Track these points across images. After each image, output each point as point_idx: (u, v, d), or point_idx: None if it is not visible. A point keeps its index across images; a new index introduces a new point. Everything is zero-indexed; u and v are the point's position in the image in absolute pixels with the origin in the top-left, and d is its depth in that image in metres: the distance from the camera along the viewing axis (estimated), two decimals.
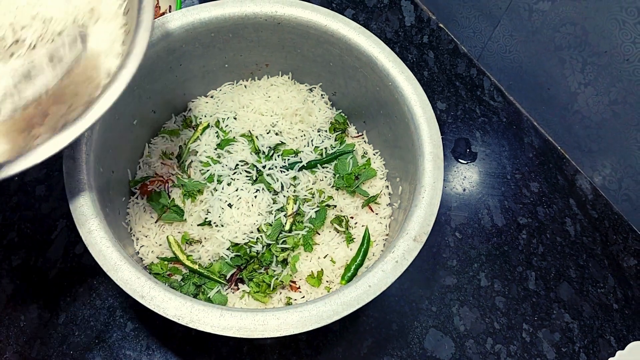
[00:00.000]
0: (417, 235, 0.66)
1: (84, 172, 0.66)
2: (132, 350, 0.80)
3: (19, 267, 0.84)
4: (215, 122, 0.89)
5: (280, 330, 0.58)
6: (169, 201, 0.81)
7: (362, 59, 0.80)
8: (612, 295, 0.91)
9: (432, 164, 0.71)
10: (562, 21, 0.90)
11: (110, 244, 0.62)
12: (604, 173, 0.99)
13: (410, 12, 1.19)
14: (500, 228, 0.95)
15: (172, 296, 0.59)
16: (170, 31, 0.78)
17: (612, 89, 0.89)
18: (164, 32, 0.77)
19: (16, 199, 0.89)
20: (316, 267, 0.78)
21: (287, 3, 0.81)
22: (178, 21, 0.78)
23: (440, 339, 0.84)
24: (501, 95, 1.10)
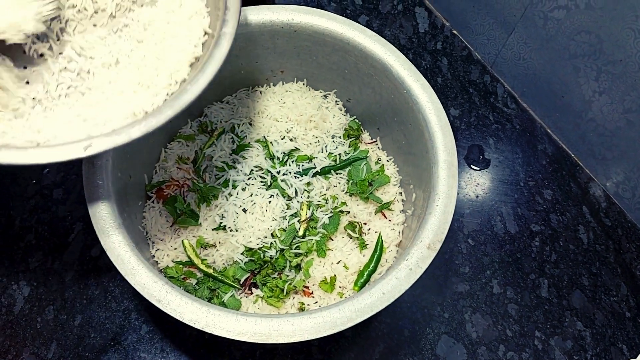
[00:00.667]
0: (431, 243, 0.66)
1: (102, 177, 0.67)
2: (147, 353, 0.80)
3: (36, 270, 0.85)
4: (231, 127, 0.90)
5: (294, 336, 0.59)
6: (185, 205, 0.82)
7: (377, 66, 0.81)
8: (625, 304, 0.91)
9: (446, 171, 0.71)
10: (576, 29, 0.90)
11: (128, 248, 0.63)
12: (617, 181, 0.99)
13: (424, 18, 1.20)
14: (513, 235, 0.95)
15: (188, 300, 0.60)
16: None
17: (627, 97, 0.88)
18: None
19: (34, 202, 0.90)
20: (329, 273, 0.79)
21: (304, 11, 0.82)
22: None
23: (452, 346, 0.84)
24: (515, 102, 1.10)
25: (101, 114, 0.62)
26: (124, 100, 0.64)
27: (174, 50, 0.67)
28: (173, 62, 0.66)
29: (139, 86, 0.65)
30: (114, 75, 0.66)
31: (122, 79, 0.66)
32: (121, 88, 0.65)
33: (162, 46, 0.68)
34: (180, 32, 0.68)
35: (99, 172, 0.67)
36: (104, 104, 0.64)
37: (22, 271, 0.85)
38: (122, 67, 0.67)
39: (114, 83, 0.65)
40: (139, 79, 0.65)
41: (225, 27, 0.65)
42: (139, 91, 0.64)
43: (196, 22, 0.68)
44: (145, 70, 0.66)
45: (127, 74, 0.66)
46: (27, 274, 0.84)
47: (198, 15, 0.69)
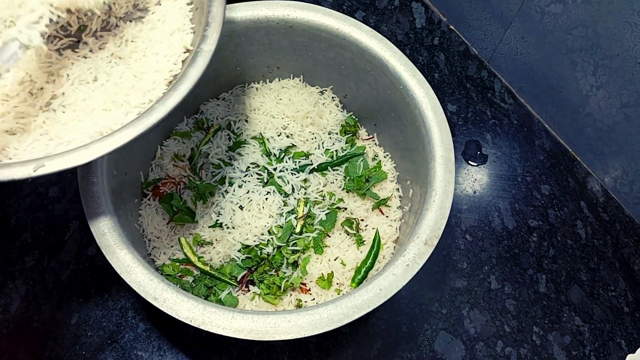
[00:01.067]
0: (428, 239, 0.66)
1: (97, 175, 0.67)
2: (144, 351, 0.80)
3: (32, 268, 0.85)
4: (227, 124, 0.89)
5: (291, 332, 0.59)
6: (181, 203, 0.82)
7: (373, 62, 0.81)
8: (623, 298, 0.91)
9: (443, 167, 0.71)
10: (573, 24, 0.90)
11: (123, 246, 0.63)
12: (615, 175, 0.99)
13: (421, 14, 1.19)
14: (511, 231, 0.95)
15: (184, 298, 0.60)
16: None
17: (624, 91, 0.88)
18: None
19: (29, 200, 0.90)
20: (326, 270, 0.79)
21: (299, 6, 0.81)
22: None
23: (451, 342, 0.84)
24: (512, 98, 1.10)
25: (67, 133, 0.60)
26: (93, 118, 0.61)
27: (153, 67, 0.65)
28: (149, 80, 0.64)
29: (112, 104, 0.62)
30: (90, 92, 0.64)
31: (97, 96, 0.63)
32: (94, 106, 0.63)
33: (141, 63, 0.66)
34: (160, 49, 0.66)
35: (94, 170, 0.67)
36: (73, 122, 0.61)
37: (18, 270, 0.84)
38: (98, 85, 0.65)
39: (89, 100, 0.63)
40: (113, 97, 0.63)
41: (203, 44, 0.63)
42: (112, 109, 0.62)
43: (177, 38, 0.66)
44: (121, 88, 0.64)
45: (103, 92, 0.64)
46: (23, 273, 0.84)
47: (180, 32, 0.67)
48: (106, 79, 0.65)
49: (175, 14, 0.68)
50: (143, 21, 0.70)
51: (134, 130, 0.57)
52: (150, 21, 0.69)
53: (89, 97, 0.63)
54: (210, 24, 0.64)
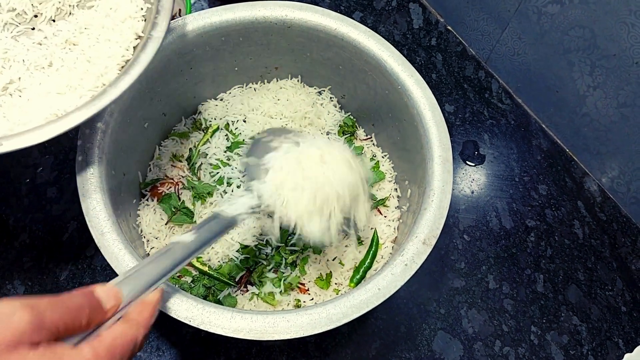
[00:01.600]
0: (427, 238, 0.66)
1: (96, 175, 0.67)
2: (143, 351, 0.80)
3: (31, 269, 0.84)
4: (225, 124, 0.89)
5: (290, 332, 0.59)
6: (179, 203, 0.82)
7: (371, 62, 0.81)
8: (621, 298, 0.91)
9: (441, 167, 0.71)
10: (570, 24, 0.91)
11: (122, 246, 0.63)
12: (612, 175, 0.99)
13: (418, 14, 1.19)
14: (509, 230, 0.95)
15: (183, 298, 0.60)
16: (181, 35, 0.78)
17: (621, 91, 0.89)
18: (175, 35, 0.78)
19: (27, 200, 0.90)
20: (325, 270, 0.79)
21: (297, 7, 0.82)
22: (189, 25, 0.79)
23: (449, 342, 0.84)
24: (509, 98, 1.10)
25: (23, 115, 0.63)
26: (48, 101, 0.64)
27: (105, 53, 0.67)
28: (102, 65, 0.67)
29: (67, 88, 0.65)
30: (45, 77, 0.67)
31: (52, 81, 0.66)
32: (48, 90, 0.65)
33: (94, 49, 0.69)
34: (112, 35, 0.69)
35: (92, 170, 0.67)
36: (28, 105, 0.64)
37: (17, 270, 0.84)
38: (53, 70, 0.67)
39: (44, 85, 0.66)
40: (67, 82, 0.66)
41: (153, 31, 0.66)
42: (66, 93, 0.65)
43: (129, 25, 0.69)
44: (75, 73, 0.66)
45: (57, 77, 0.66)
46: (21, 273, 0.84)
47: (132, 19, 0.70)
48: (61, 64, 0.68)
49: (127, 3, 0.71)
50: (96, 9, 0.72)
51: (87, 112, 0.59)
52: (103, 9, 0.72)
53: (44, 82, 0.66)
54: (160, 12, 0.68)
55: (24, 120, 0.62)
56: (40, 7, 0.71)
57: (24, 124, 0.61)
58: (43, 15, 0.71)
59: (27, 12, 0.71)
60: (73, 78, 0.66)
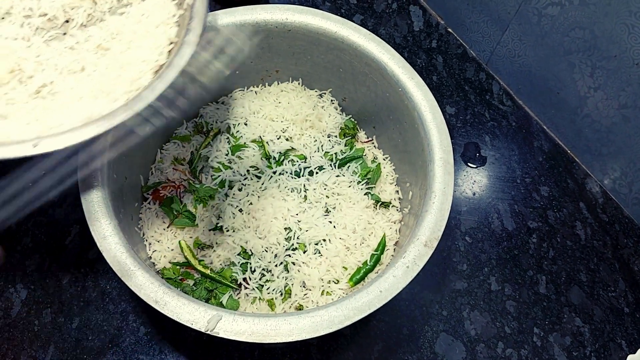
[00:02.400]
0: (428, 240, 0.66)
1: (98, 179, 0.67)
2: (145, 355, 0.80)
3: (33, 272, 0.85)
4: (226, 128, 0.90)
5: (292, 335, 0.59)
6: (181, 206, 0.82)
7: (372, 65, 0.81)
8: (623, 299, 0.91)
9: (442, 169, 0.72)
10: (571, 25, 0.91)
11: (124, 250, 0.63)
12: (614, 176, 0.99)
13: (418, 17, 1.20)
14: (511, 232, 0.95)
15: (185, 301, 0.60)
16: None
17: (622, 93, 0.89)
18: None
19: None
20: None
21: (298, 10, 0.82)
22: None
23: (451, 344, 0.84)
24: (510, 99, 1.10)
25: (57, 118, 0.62)
26: (82, 105, 0.64)
27: (138, 58, 0.67)
28: (136, 70, 0.66)
29: (100, 92, 0.65)
30: (77, 82, 0.67)
31: (84, 85, 0.66)
32: (82, 94, 0.65)
33: (127, 54, 0.68)
34: (145, 41, 0.69)
35: (94, 174, 0.67)
36: (61, 109, 0.64)
37: (19, 274, 0.84)
38: (86, 75, 0.67)
39: (76, 89, 0.66)
40: (100, 86, 0.65)
41: (187, 36, 0.66)
42: (100, 97, 0.64)
43: (162, 31, 0.69)
44: (108, 78, 0.66)
45: (90, 81, 0.66)
46: (24, 277, 0.84)
47: (165, 25, 0.69)
48: (93, 69, 0.67)
49: (159, 9, 0.71)
50: (127, 16, 0.72)
51: (124, 114, 0.59)
52: (135, 15, 0.72)
53: (77, 86, 0.66)
54: (194, 18, 0.67)
55: (57, 123, 0.61)
56: (71, 12, 0.71)
57: (57, 127, 0.61)
58: (74, 21, 0.71)
59: (59, 18, 0.71)
60: (106, 83, 0.65)
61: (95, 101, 0.64)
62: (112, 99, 0.64)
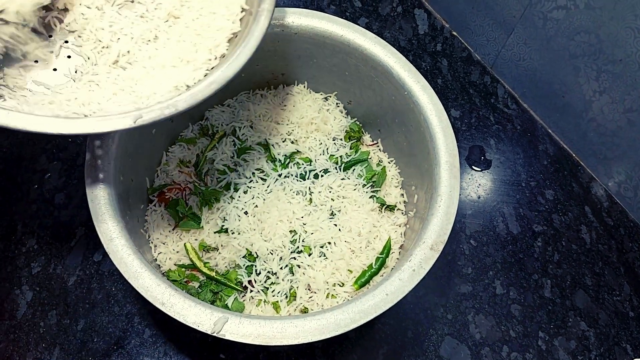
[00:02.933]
0: (434, 244, 0.66)
1: (104, 181, 0.67)
2: (150, 357, 0.80)
3: (39, 274, 0.85)
4: (232, 130, 0.90)
5: (298, 337, 0.59)
6: (187, 209, 0.82)
7: (377, 68, 0.81)
8: (628, 303, 0.91)
9: (448, 173, 0.71)
10: (576, 29, 0.91)
11: (131, 252, 0.63)
12: (619, 180, 0.99)
13: (423, 20, 1.20)
14: (516, 236, 0.95)
15: (192, 303, 0.60)
16: None
17: (627, 96, 0.89)
18: None
19: (35, 206, 0.90)
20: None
21: (304, 14, 0.82)
22: None
23: (456, 347, 0.84)
24: (515, 103, 1.10)
25: (145, 88, 0.63)
26: (165, 74, 0.65)
27: (212, 26, 0.68)
28: (211, 38, 0.67)
29: (179, 61, 0.66)
30: (154, 50, 0.67)
31: (161, 54, 0.67)
32: (161, 63, 0.66)
33: (199, 22, 0.69)
34: (217, 8, 0.69)
35: (100, 176, 0.68)
36: (146, 78, 0.65)
37: (25, 276, 0.85)
38: (160, 43, 0.68)
39: (154, 58, 0.66)
40: (178, 54, 0.66)
41: (263, 4, 0.67)
42: (179, 66, 0.65)
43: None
44: (184, 46, 0.67)
45: (166, 50, 0.67)
46: (29, 279, 0.84)
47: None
48: (167, 38, 0.68)
49: None
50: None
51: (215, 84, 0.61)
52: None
53: (154, 55, 0.67)
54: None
55: (148, 93, 0.62)
56: None
57: (150, 97, 0.62)
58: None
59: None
60: (183, 51, 0.66)
61: (177, 70, 0.65)
62: (192, 67, 0.65)
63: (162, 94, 0.62)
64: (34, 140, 0.96)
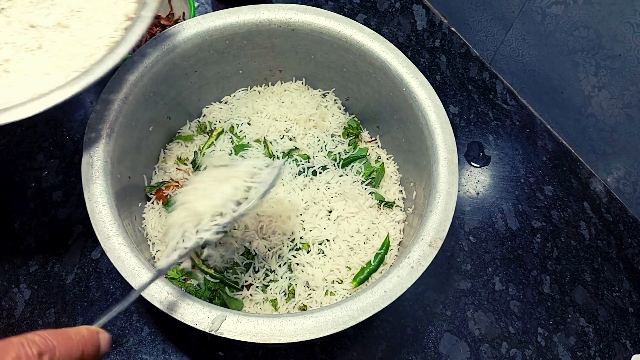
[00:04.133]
0: (433, 240, 0.66)
1: (102, 179, 0.67)
2: (149, 355, 0.80)
3: (36, 273, 0.85)
4: (230, 127, 0.89)
5: (296, 335, 0.59)
6: None
7: (375, 64, 0.81)
8: (628, 299, 0.91)
9: (446, 169, 0.71)
10: (575, 25, 0.90)
11: (128, 250, 0.63)
12: (618, 176, 0.99)
13: (422, 16, 1.19)
14: (515, 232, 0.95)
15: (189, 302, 0.60)
16: (186, 38, 0.79)
17: (626, 92, 0.88)
18: (180, 39, 0.78)
19: (33, 205, 0.90)
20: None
21: (301, 10, 0.82)
22: (193, 28, 0.79)
23: (455, 344, 0.84)
24: (514, 99, 1.10)
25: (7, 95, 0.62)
26: (34, 82, 0.64)
27: (95, 34, 0.68)
28: (92, 46, 0.67)
29: (55, 68, 0.65)
30: (33, 59, 0.67)
31: (40, 62, 0.66)
32: (36, 71, 0.65)
33: (85, 31, 0.69)
34: (104, 17, 0.69)
35: (98, 174, 0.67)
36: (15, 85, 0.64)
37: (23, 274, 0.84)
38: (44, 52, 0.67)
39: (32, 66, 0.66)
40: (56, 62, 0.66)
41: (143, 11, 0.67)
42: (54, 73, 0.65)
43: (121, 7, 0.70)
44: (64, 54, 0.67)
45: (46, 58, 0.67)
46: (27, 277, 0.84)
47: (124, 1, 0.70)
48: (51, 46, 0.68)
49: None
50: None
51: (70, 90, 0.60)
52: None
53: (34, 63, 0.66)
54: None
55: (7, 100, 0.62)
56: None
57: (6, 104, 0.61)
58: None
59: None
60: (62, 59, 0.66)
61: (49, 77, 0.64)
62: (65, 75, 0.64)
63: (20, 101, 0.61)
64: (32, 138, 0.96)
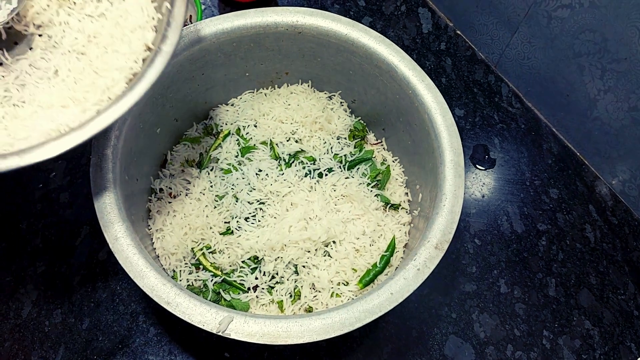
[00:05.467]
0: (439, 243, 0.66)
1: (110, 180, 0.67)
2: (155, 355, 0.80)
3: (44, 273, 0.85)
4: (236, 129, 0.90)
5: (303, 337, 0.59)
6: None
7: (382, 67, 0.81)
8: (633, 302, 0.91)
9: (452, 171, 0.71)
10: (581, 28, 0.90)
11: (136, 251, 0.63)
12: (623, 179, 0.99)
13: (427, 19, 1.20)
14: (520, 234, 0.95)
15: (197, 303, 0.60)
16: (193, 41, 0.79)
17: (632, 95, 0.88)
18: (187, 42, 0.79)
19: (40, 206, 0.90)
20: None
21: (308, 13, 0.82)
22: (201, 31, 0.79)
23: (460, 346, 0.84)
24: (519, 102, 1.10)
25: (25, 129, 0.60)
26: (50, 115, 0.61)
27: (113, 65, 0.64)
28: (109, 77, 0.63)
29: (71, 101, 0.62)
30: (50, 88, 0.64)
31: (56, 92, 0.63)
32: (53, 102, 0.62)
33: (102, 60, 0.66)
34: (121, 46, 0.66)
35: (106, 175, 0.68)
36: (31, 118, 0.61)
37: (30, 275, 0.85)
38: (59, 80, 0.65)
39: (48, 96, 0.63)
40: (73, 93, 0.63)
41: (163, 44, 0.63)
42: (70, 106, 0.62)
43: (139, 36, 0.66)
44: (81, 85, 0.64)
45: (62, 87, 0.64)
46: (34, 278, 0.85)
47: (142, 29, 0.66)
48: (67, 75, 0.65)
49: (137, 11, 0.68)
50: (106, 17, 0.69)
51: (90, 130, 0.57)
52: (113, 17, 0.68)
53: (49, 92, 0.64)
54: (171, 24, 0.64)
55: (25, 135, 0.59)
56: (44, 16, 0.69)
57: (25, 139, 0.59)
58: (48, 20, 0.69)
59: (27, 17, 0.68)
60: (78, 90, 0.63)
61: (65, 110, 0.62)
62: (82, 108, 0.61)
63: (37, 138, 0.58)
64: None
